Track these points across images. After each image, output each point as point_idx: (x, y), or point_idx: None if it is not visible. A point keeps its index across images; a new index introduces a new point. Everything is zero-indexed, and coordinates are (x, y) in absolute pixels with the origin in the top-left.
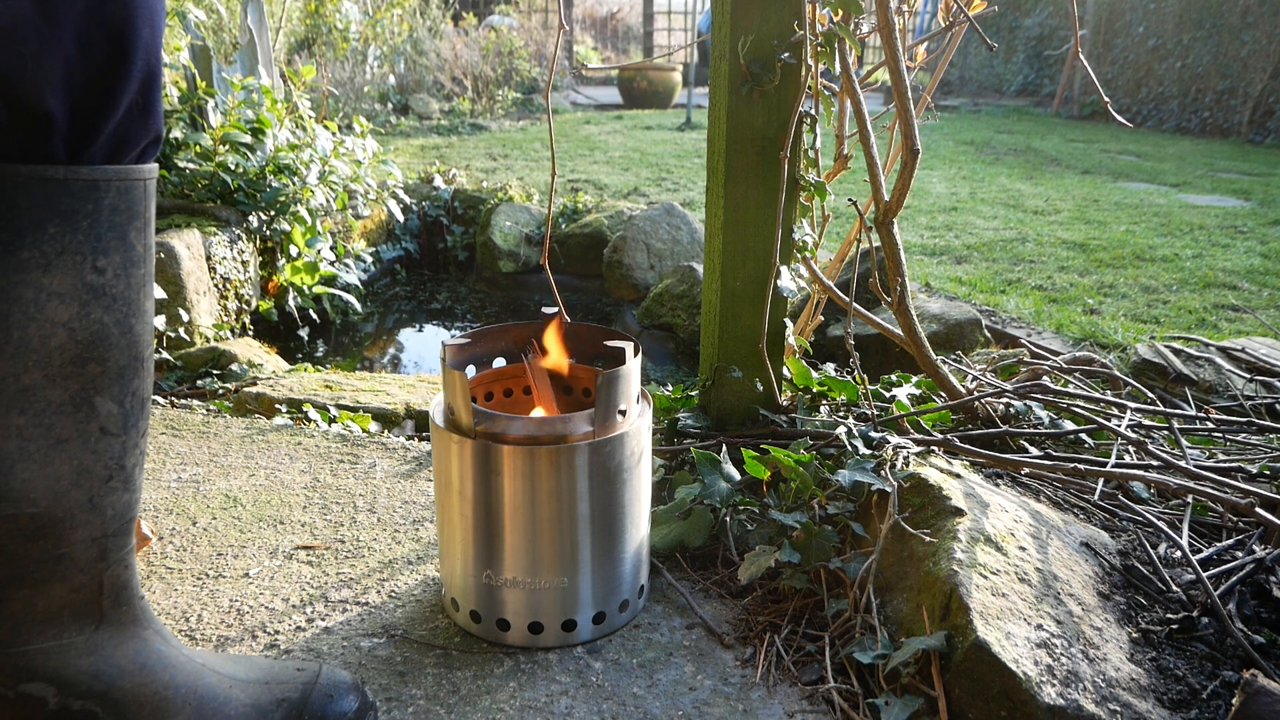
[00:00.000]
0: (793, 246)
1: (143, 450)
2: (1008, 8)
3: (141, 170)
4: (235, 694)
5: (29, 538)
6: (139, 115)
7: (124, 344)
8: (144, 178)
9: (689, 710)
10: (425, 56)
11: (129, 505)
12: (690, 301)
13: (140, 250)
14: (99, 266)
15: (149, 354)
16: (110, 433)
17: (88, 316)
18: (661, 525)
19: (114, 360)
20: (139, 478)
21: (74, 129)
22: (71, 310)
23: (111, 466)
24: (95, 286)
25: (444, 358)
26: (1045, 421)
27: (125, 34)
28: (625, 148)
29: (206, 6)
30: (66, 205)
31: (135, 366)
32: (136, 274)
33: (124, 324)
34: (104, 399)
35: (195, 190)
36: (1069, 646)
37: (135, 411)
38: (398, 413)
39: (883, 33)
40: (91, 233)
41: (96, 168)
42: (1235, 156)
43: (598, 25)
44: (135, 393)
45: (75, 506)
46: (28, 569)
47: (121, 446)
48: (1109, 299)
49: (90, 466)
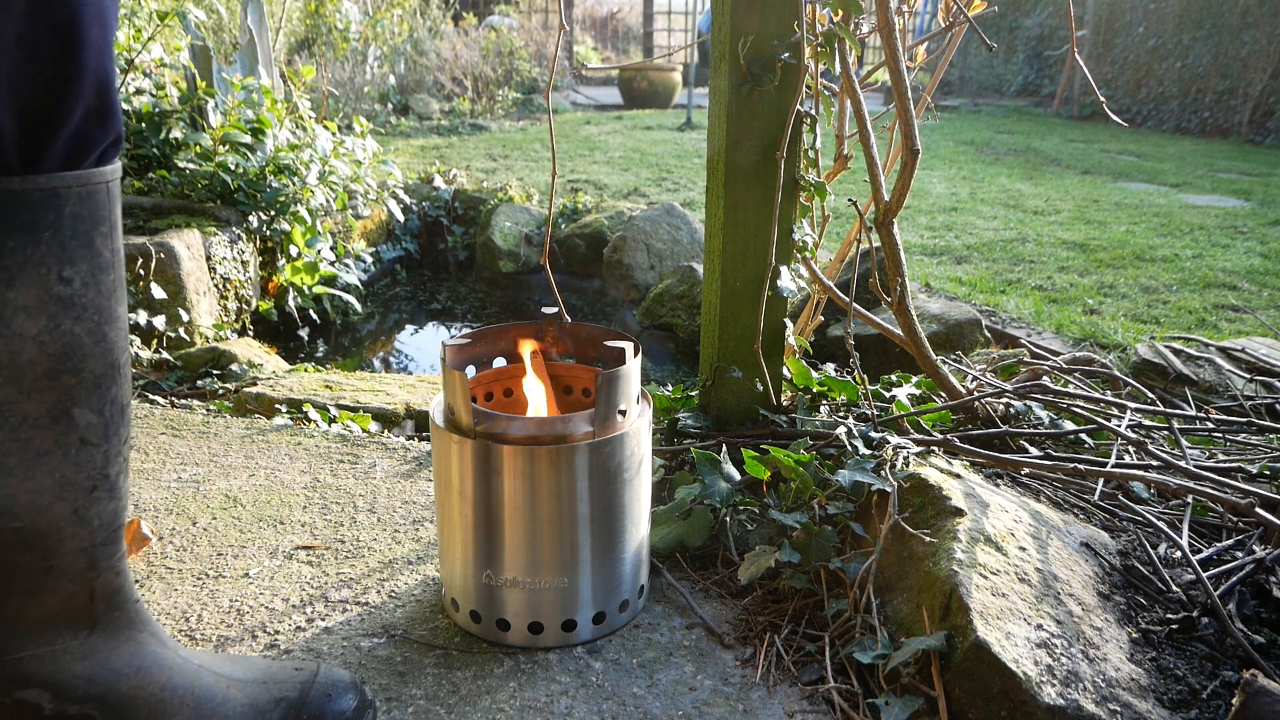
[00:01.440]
0: (792, 246)
1: (126, 457)
2: (1008, 8)
3: (103, 173)
4: (233, 694)
5: (15, 551)
6: (96, 118)
7: (98, 353)
8: (106, 180)
9: (689, 710)
10: (425, 56)
11: (116, 513)
12: (690, 301)
13: (108, 256)
14: (65, 276)
15: (125, 360)
16: (91, 443)
17: (58, 328)
18: (661, 525)
19: (89, 370)
20: (124, 485)
21: (26, 137)
22: (40, 323)
23: (95, 477)
24: (63, 297)
25: (444, 358)
26: (1045, 421)
27: (73, 35)
28: (625, 148)
29: (206, 6)
30: (25, 216)
31: (112, 375)
32: (106, 280)
33: (97, 332)
34: (82, 410)
35: (195, 190)
36: (1069, 646)
37: (115, 420)
38: (398, 413)
39: (883, 33)
40: (55, 243)
41: (54, 175)
42: (1235, 156)
43: (598, 25)
44: (114, 401)
45: (60, 519)
46: (16, 580)
47: (104, 456)
48: (1109, 299)
49: (73, 478)
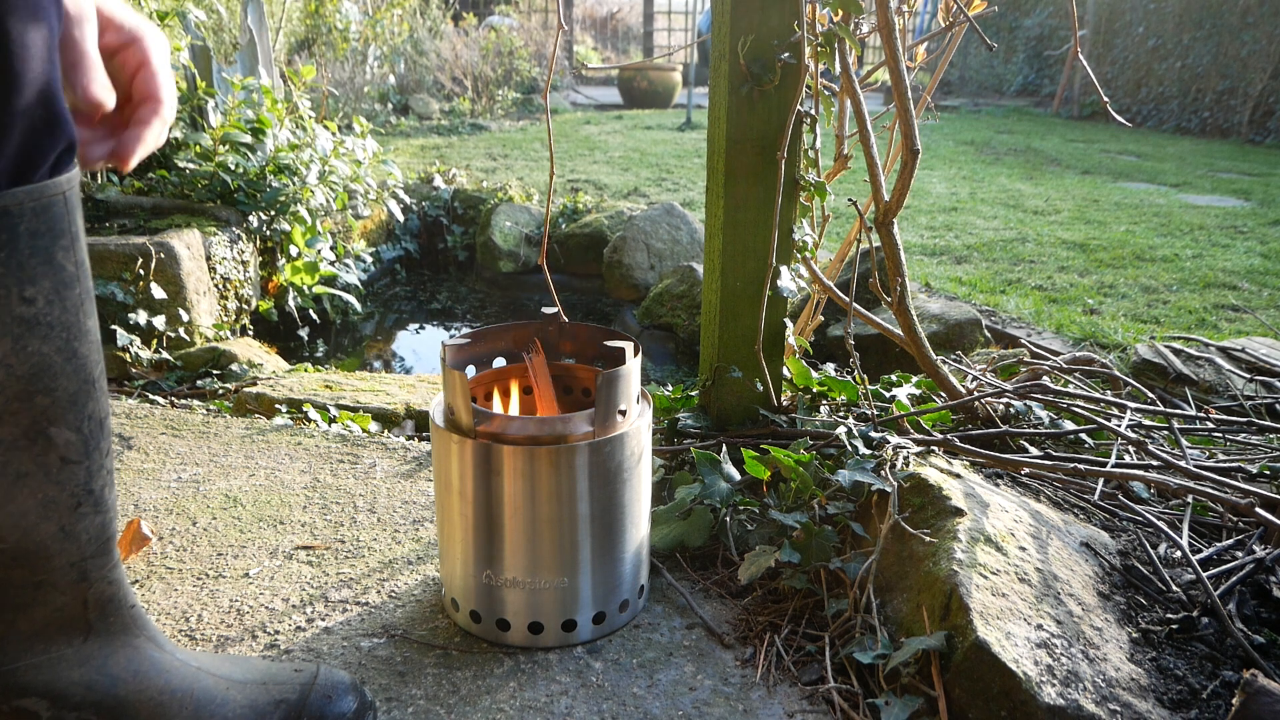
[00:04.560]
0: (792, 246)
1: (110, 469)
2: (1008, 8)
3: (58, 184)
4: (233, 696)
5: (4, 568)
6: (43, 128)
7: (70, 370)
8: (62, 191)
9: (689, 710)
10: (425, 56)
11: (104, 526)
12: (690, 301)
13: (71, 270)
14: (27, 296)
15: (99, 374)
16: (71, 460)
17: (24, 350)
18: (661, 525)
19: (63, 388)
20: (110, 497)
21: None
22: (5, 346)
23: (78, 493)
24: (27, 318)
25: (444, 358)
26: (1045, 421)
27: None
28: (625, 148)
29: (206, 6)
30: None
31: (87, 390)
32: (71, 295)
33: (67, 349)
34: (59, 428)
35: (195, 190)
36: (1069, 646)
37: (94, 434)
38: (398, 413)
39: (883, 33)
40: (13, 263)
41: (3, 194)
42: (1235, 156)
43: (598, 25)
44: (91, 416)
45: (47, 538)
46: (7, 596)
47: (86, 472)
48: (1109, 299)
49: (55, 497)
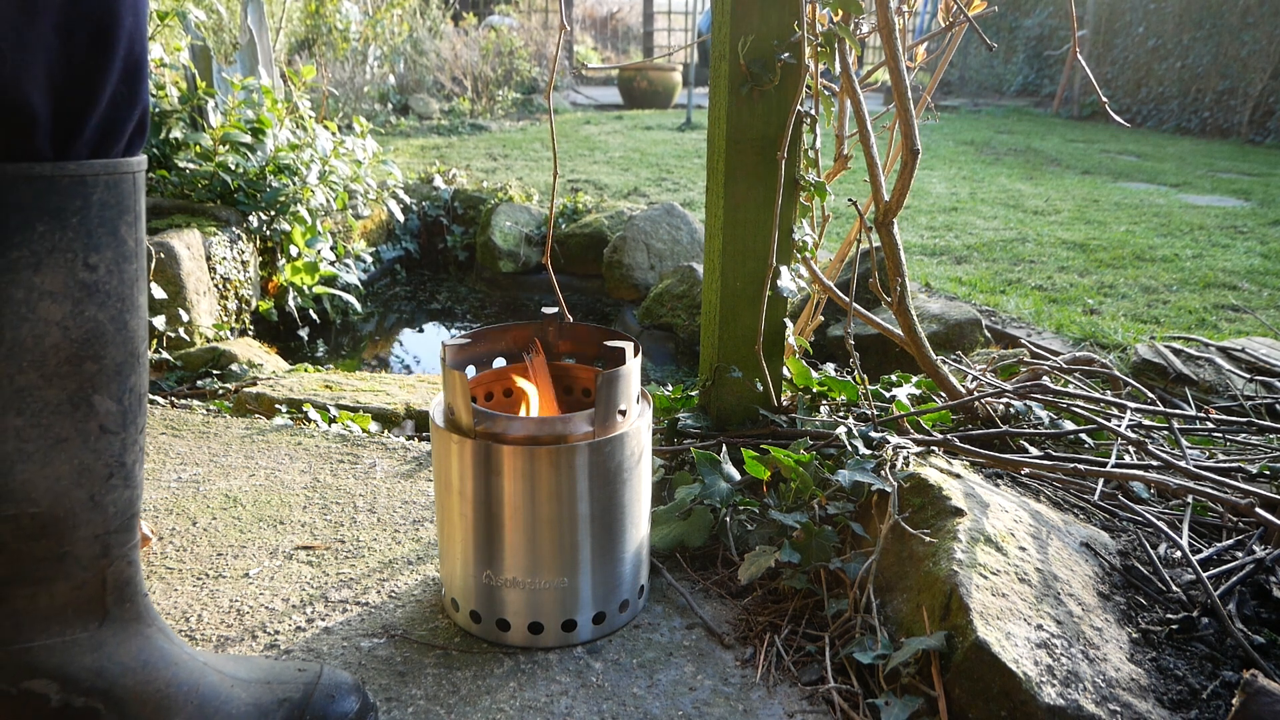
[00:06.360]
0: (792, 246)
1: (142, 446)
2: (1008, 8)
3: (130, 163)
4: (237, 693)
5: (31, 537)
6: (124, 106)
7: (120, 340)
8: (132, 170)
9: (689, 710)
10: (425, 56)
11: (130, 501)
12: (690, 301)
13: (132, 245)
14: (91, 263)
15: (145, 349)
16: (110, 430)
17: (81, 314)
18: (661, 525)
19: (110, 357)
20: (139, 474)
21: (58, 124)
22: (65, 309)
23: (112, 464)
24: (88, 284)
25: (444, 358)
26: (1045, 421)
27: (108, 22)
28: (625, 148)
29: (206, 6)
30: (54, 202)
31: (132, 363)
32: (129, 269)
33: (119, 320)
34: (102, 397)
35: (195, 190)
36: (1069, 647)
37: (134, 408)
38: (398, 413)
39: (883, 33)
40: (82, 229)
41: (84, 163)
42: (1235, 156)
43: (598, 25)
44: (133, 389)
45: (77, 505)
46: (30, 567)
47: (121, 444)
48: (1109, 299)
49: (90, 465)
